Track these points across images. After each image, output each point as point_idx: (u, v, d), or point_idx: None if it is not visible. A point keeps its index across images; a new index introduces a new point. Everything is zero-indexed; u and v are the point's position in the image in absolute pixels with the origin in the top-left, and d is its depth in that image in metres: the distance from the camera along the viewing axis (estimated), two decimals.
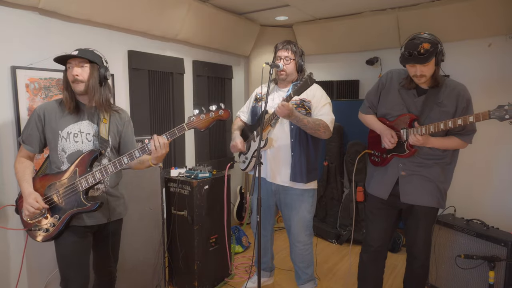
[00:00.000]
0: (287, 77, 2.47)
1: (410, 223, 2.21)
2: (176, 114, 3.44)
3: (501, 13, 3.06)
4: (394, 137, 2.11)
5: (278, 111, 2.17)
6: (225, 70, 4.10)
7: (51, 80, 2.42)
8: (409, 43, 1.96)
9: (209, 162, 3.78)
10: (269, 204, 2.63)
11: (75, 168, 1.71)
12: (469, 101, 2.03)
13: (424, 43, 1.91)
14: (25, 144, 1.76)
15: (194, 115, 1.69)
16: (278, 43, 2.50)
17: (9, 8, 2.23)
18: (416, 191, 2.11)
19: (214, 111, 1.69)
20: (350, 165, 3.84)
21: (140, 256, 2.54)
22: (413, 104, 2.11)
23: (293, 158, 2.42)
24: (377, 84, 2.28)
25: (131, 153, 1.71)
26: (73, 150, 1.74)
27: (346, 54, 4.18)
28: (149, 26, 3.03)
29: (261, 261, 2.71)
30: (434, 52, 1.91)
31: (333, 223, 3.94)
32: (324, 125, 2.33)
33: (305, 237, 2.54)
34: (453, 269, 2.51)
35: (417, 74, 1.98)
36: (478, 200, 3.40)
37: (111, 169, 1.70)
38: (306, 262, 2.61)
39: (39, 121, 1.74)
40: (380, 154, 2.25)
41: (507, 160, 3.27)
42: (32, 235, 1.72)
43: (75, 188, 1.69)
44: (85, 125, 1.77)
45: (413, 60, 1.93)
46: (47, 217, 1.71)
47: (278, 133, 2.44)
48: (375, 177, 2.28)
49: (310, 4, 3.46)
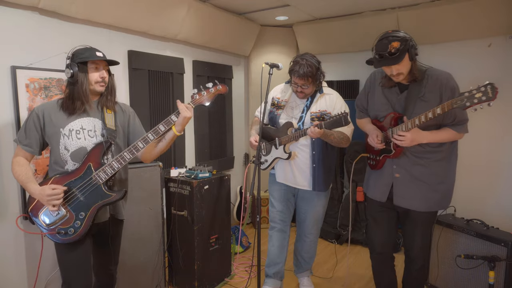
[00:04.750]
0: (307, 96, 2.48)
1: (406, 227, 2.18)
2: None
3: (501, 13, 3.06)
4: (379, 137, 2.08)
5: (311, 135, 2.23)
6: (225, 70, 4.10)
7: (51, 80, 2.42)
8: (378, 45, 1.89)
9: (209, 162, 3.78)
10: (288, 197, 2.68)
11: (88, 163, 1.69)
12: (454, 89, 1.91)
13: (393, 42, 1.83)
14: (24, 145, 1.73)
15: (195, 93, 1.77)
16: (294, 69, 2.34)
17: (9, 8, 2.22)
18: (409, 195, 2.04)
19: (212, 87, 1.78)
20: (350, 165, 3.84)
21: (140, 256, 2.54)
22: (397, 101, 2.05)
23: (315, 169, 2.48)
24: (364, 87, 2.29)
25: (155, 128, 1.73)
26: (76, 147, 1.73)
27: (346, 54, 4.18)
28: (149, 26, 3.03)
29: (275, 262, 2.71)
30: (405, 49, 1.83)
31: (333, 223, 3.94)
32: (346, 138, 2.42)
33: (316, 230, 2.69)
34: (453, 269, 2.51)
35: (393, 74, 1.93)
36: (478, 200, 3.39)
37: (127, 156, 1.70)
38: (311, 253, 2.76)
39: (38, 121, 1.71)
40: (374, 157, 2.22)
41: (507, 160, 3.27)
42: (59, 239, 1.68)
43: (94, 182, 1.68)
44: (86, 121, 1.76)
45: (385, 62, 1.86)
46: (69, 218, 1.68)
47: (301, 145, 2.50)
48: (372, 180, 2.26)
49: (310, 4, 3.46)
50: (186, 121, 1.75)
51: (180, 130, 1.79)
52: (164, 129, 1.74)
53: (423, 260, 2.20)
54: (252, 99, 4.42)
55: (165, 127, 1.74)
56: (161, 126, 1.74)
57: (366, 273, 3.09)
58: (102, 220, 1.80)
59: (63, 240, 1.67)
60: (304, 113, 2.47)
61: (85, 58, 1.69)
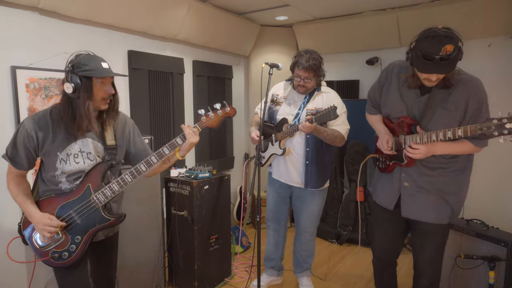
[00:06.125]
0: (307, 90, 2.50)
1: (415, 240, 2.01)
2: (176, 114, 3.44)
3: (501, 13, 3.06)
4: (389, 143, 1.88)
5: (302, 129, 2.27)
6: (225, 70, 4.10)
7: (51, 80, 2.42)
8: (427, 43, 1.55)
9: (209, 162, 3.78)
10: (284, 197, 2.71)
11: (87, 184, 1.58)
12: (482, 102, 1.68)
13: (448, 44, 1.51)
14: (15, 162, 1.55)
15: (203, 115, 1.65)
16: (298, 61, 2.39)
17: (9, 8, 2.22)
18: (417, 206, 1.86)
19: (220, 109, 1.66)
20: (350, 165, 3.84)
21: (140, 256, 2.54)
22: (415, 104, 1.80)
23: (307, 166, 2.51)
24: (378, 80, 2.01)
25: (159, 151, 1.61)
26: (73, 170, 1.58)
27: (346, 54, 4.18)
28: (149, 26, 3.03)
29: (270, 258, 2.85)
30: (457, 56, 1.54)
31: (333, 223, 3.94)
32: (341, 136, 2.42)
33: (312, 228, 2.71)
34: (453, 269, 2.51)
35: (432, 79, 1.65)
36: (478, 200, 3.39)
37: (129, 179, 1.59)
38: (309, 252, 2.78)
39: (30, 142, 1.51)
40: (384, 160, 2.02)
41: (507, 160, 3.27)
42: (53, 264, 1.57)
43: (92, 205, 1.57)
44: (85, 143, 1.59)
45: (434, 67, 1.54)
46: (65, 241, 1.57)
47: (295, 141, 2.52)
48: (380, 184, 2.07)
49: (310, 4, 3.46)
50: (192, 146, 1.64)
51: (184, 155, 1.71)
52: (168, 152, 1.63)
53: (432, 278, 1.96)
54: (252, 99, 4.42)
55: (169, 150, 1.63)
56: (166, 149, 1.63)
57: (366, 273, 3.09)
58: (95, 240, 1.68)
59: (57, 264, 1.57)
60: (301, 110, 2.49)
61: (90, 73, 1.47)
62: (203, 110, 1.66)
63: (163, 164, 1.76)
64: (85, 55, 1.52)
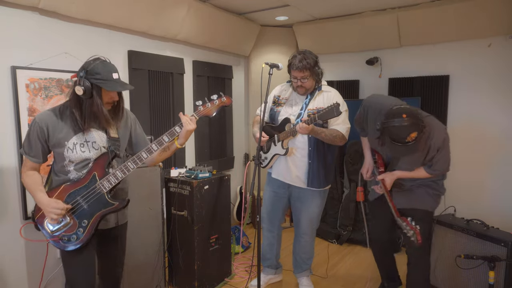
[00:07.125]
0: (307, 91, 2.51)
1: None
2: (176, 114, 3.44)
3: (501, 13, 3.07)
4: (369, 173, 2.41)
5: (299, 131, 2.29)
6: (225, 70, 4.10)
7: (51, 80, 2.42)
8: (395, 131, 1.88)
9: (209, 162, 3.78)
10: (281, 197, 2.70)
11: (93, 172, 1.70)
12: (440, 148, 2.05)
13: (412, 132, 1.85)
14: (30, 156, 1.71)
15: (200, 105, 1.77)
16: (292, 62, 2.44)
17: (9, 8, 2.22)
18: (404, 197, 2.25)
19: (217, 99, 1.79)
20: (350, 165, 3.84)
21: (140, 256, 2.54)
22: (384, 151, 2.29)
23: (310, 165, 2.51)
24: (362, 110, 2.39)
25: (159, 139, 1.72)
26: (80, 159, 1.71)
27: (346, 54, 4.18)
28: (149, 26, 3.03)
29: (265, 257, 2.84)
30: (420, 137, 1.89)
31: (333, 223, 3.94)
32: (340, 135, 2.43)
33: (311, 230, 2.70)
34: (453, 269, 2.51)
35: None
36: (478, 200, 3.40)
37: (131, 165, 1.70)
38: (309, 253, 2.78)
39: (42, 134, 1.67)
40: (377, 167, 2.44)
41: (507, 160, 3.27)
42: (62, 246, 1.69)
43: (98, 191, 1.68)
44: (91, 134, 1.72)
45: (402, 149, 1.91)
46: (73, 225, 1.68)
47: (297, 141, 2.52)
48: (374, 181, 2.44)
49: (310, 4, 3.46)
50: (189, 134, 1.75)
51: (182, 143, 1.80)
52: (168, 140, 1.74)
53: (416, 258, 2.30)
54: (252, 99, 4.42)
55: (169, 138, 1.74)
56: (165, 137, 1.74)
57: (365, 273, 3.09)
58: (107, 227, 1.81)
59: (66, 246, 1.69)
60: (303, 110, 2.49)
61: (101, 82, 1.61)
62: (200, 101, 1.78)
63: (163, 152, 1.87)
64: (99, 63, 1.64)
